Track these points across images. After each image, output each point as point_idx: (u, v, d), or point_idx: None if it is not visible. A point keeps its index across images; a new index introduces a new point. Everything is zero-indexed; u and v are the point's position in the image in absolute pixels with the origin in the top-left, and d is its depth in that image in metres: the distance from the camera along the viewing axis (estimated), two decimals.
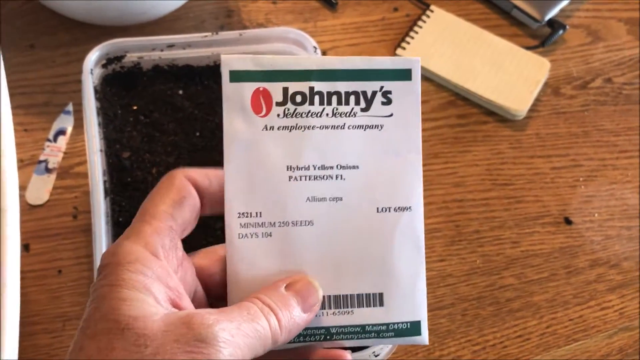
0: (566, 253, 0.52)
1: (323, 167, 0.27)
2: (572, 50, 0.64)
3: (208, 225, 0.41)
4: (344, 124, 0.27)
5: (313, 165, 0.27)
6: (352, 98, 0.27)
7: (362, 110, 0.27)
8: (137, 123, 0.46)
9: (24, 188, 0.49)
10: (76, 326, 0.24)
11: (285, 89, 0.27)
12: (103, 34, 0.51)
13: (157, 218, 0.25)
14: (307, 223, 0.27)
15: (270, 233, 0.27)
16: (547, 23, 0.63)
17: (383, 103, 0.27)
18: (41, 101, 0.54)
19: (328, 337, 0.27)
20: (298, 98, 0.27)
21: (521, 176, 0.55)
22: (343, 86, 0.27)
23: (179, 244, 0.26)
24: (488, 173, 0.55)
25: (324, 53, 0.60)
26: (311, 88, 0.27)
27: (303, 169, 0.27)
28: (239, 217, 0.27)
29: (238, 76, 0.27)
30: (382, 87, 0.27)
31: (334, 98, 0.27)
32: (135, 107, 0.47)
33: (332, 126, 0.27)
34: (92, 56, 0.46)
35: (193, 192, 0.27)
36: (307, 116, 0.27)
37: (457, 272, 0.50)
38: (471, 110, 0.59)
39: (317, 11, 0.63)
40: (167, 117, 0.46)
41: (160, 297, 0.23)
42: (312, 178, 0.27)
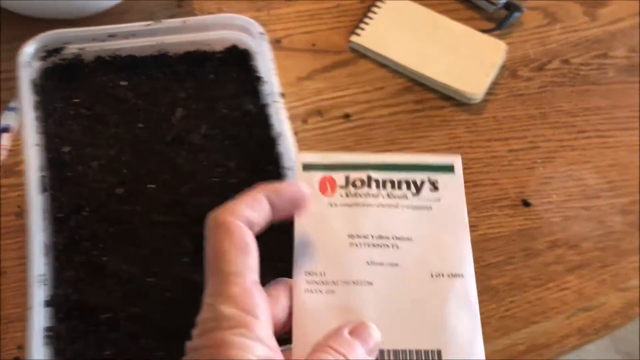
0: (524, 235, 0.51)
1: (380, 237, 0.30)
2: (529, 32, 0.63)
3: None
4: (398, 204, 0.31)
5: (371, 234, 0.30)
6: (404, 185, 0.31)
7: (413, 195, 0.31)
8: (78, 116, 0.44)
9: None
10: (20, 328, 0.23)
11: (347, 177, 0.31)
12: (49, 28, 0.49)
13: (240, 276, 0.27)
14: (367, 283, 0.30)
15: (333, 290, 0.30)
16: (504, 6, 0.63)
17: (431, 190, 0.32)
18: None
19: None
20: (358, 183, 0.31)
21: (478, 160, 0.55)
22: (396, 176, 0.31)
23: (261, 289, 0.28)
24: None
25: (278, 41, 0.59)
26: (369, 176, 0.31)
27: (362, 237, 0.30)
28: (305, 275, 0.30)
29: (309, 167, 0.32)
30: (430, 178, 0.32)
31: (389, 184, 0.31)
32: (76, 100, 0.45)
33: (388, 205, 0.31)
34: (29, 48, 0.44)
35: (251, 234, 0.28)
36: (366, 196, 0.31)
37: None
38: (428, 95, 0.58)
39: None
40: (110, 109, 0.45)
41: (261, 355, 0.25)
42: (371, 245, 0.30)
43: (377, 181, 0.31)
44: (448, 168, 0.32)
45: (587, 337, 0.48)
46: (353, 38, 0.60)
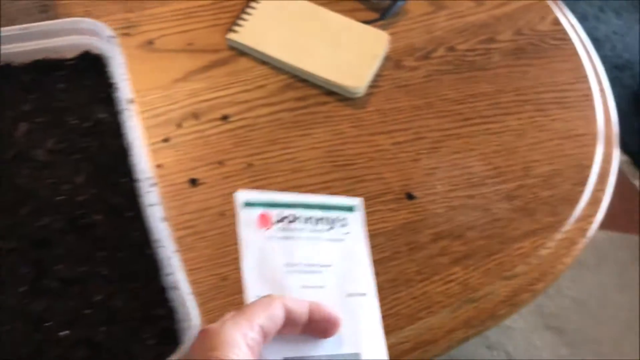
0: (408, 229, 0.50)
1: (309, 265, 0.37)
2: (414, 20, 0.62)
3: None
4: (319, 237, 0.37)
5: (302, 262, 0.36)
6: (323, 221, 0.38)
7: (329, 229, 0.38)
8: None
9: None
10: None
11: (280, 214, 0.37)
12: None
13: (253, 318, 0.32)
14: None
15: None
16: None
17: (342, 225, 0.38)
18: None
19: None
20: (290, 219, 0.37)
21: (362, 155, 0.53)
22: (317, 214, 0.38)
23: (260, 335, 0.32)
24: (328, 155, 0.53)
25: (150, 43, 0.56)
26: (296, 215, 0.37)
27: (296, 265, 0.36)
28: (255, 298, 0.34)
29: (249, 204, 0.37)
30: (339, 216, 0.38)
31: (312, 220, 0.38)
32: None
33: (312, 238, 0.37)
34: None
35: (281, 315, 0.33)
36: (295, 230, 0.37)
37: None
38: (310, 91, 0.56)
39: None
40: None
41: None
42: (302, 272, 0.36)
43: (304, 218, 0.38)
44: (351, 208, 0.39)
45: (474, 329, 0.47)
46: (230, 35, 0.57)
